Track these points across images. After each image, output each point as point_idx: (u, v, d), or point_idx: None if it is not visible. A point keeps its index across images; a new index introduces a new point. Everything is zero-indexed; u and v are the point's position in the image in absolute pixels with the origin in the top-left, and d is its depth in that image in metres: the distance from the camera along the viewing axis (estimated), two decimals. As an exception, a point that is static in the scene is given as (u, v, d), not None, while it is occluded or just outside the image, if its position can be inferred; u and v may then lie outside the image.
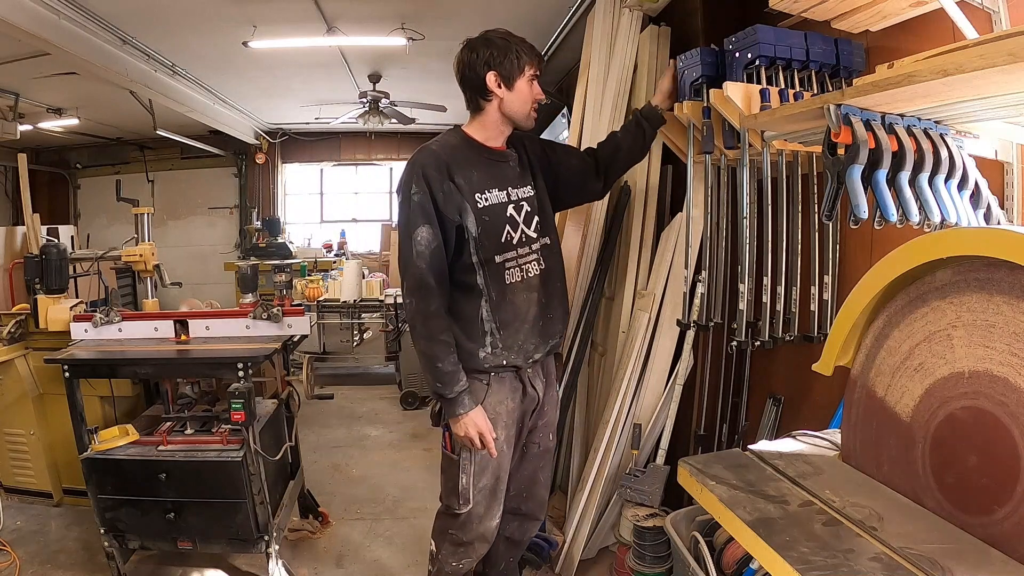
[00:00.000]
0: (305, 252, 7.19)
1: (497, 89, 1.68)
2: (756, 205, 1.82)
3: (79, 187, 7.75)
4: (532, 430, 1.89)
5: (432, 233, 1.61)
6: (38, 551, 2.53)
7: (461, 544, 1.78)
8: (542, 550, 2.33)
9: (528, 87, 1.70)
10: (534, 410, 1.84)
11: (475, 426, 1.65)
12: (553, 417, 1.96)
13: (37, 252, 3.03)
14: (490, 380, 1.72)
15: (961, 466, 0.99)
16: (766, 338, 1.82)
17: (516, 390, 1.77)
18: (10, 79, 4.47)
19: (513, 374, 1.76)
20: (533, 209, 1.79)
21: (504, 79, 1.67)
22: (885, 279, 1.13)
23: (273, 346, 2.32)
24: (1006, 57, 0.90)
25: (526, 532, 1.98)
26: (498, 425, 1.72)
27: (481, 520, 1.76)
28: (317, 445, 3.80)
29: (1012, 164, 1.39)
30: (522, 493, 1.93)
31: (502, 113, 1.72)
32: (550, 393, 1.91)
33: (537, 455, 1.93)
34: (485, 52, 1.67)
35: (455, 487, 1.72)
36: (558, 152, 1.96)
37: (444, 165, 1.64)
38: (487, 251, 1.67)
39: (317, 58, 4.43)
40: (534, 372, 1.81)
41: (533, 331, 1.76)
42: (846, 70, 1.74)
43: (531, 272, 1.76)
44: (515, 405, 1.77)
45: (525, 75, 1.69)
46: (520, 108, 1.71)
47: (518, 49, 1.68)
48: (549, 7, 3.44)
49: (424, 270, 1.61)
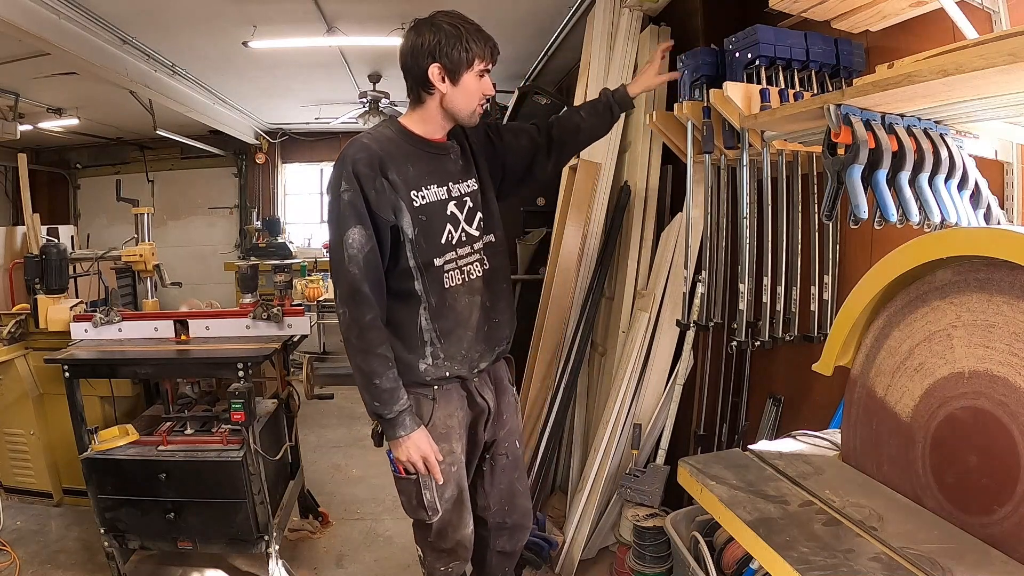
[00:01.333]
0: (305, 252, 7.19)
1: (440, 84, 1.51)
2: (756, 205, 1.82)
3: (79, 187, 7.76)
4: (495, 441, 1.77)
5: (365, 235, 1.46)
6: (38, 551, 2.53)
7: (442, 551, 1.72)
8: (542, 550, 2.33)
9: (476, 82, 1.53)
10: (487, 421, 1.72)
11: (418, 450, 1.51)
12: (515, 424, 1.83)
13: (37, 252, 3.03)
14: (435, 394, 1.60)
15: (961, 466, 0.99)
16: (766, 338, 1.82)
17: (463, 398, 1.66)
18: (10, 79, 4.47)
19: (459, 384, 1.64)
20: (476, 204, 1.65)
21: (449, 73, 1.50)
22: (885, 279, 1.13)
23: (273, 346, 2.32)
24: (1006, 57, 0.90)
25: (517, 542, 1.91)
26: (452, 438, 1.62)
27: (455, 529, 1.68)
28: (317, 445, 3.80)
29: (1012, 164, 1.39)
30: (504, 507, 1.82)
31: (443, 108, 1.56)
32: (505, 400, 1.77)
33: (509, 465, 1.81)
34: (431, 39, 1.49)
35: (420, 502, 1.60)
36: (504, 136, 1.76)
37: (377, 159, 1.49)
38: (425, 254, 1.54)
39: (317, 58, 4.43)
40: (481, 381, 1.69)
41: (477, 338, 1.63)
42: (846, 70, 1.74)
43: (473, 274, 1.62)
44: (464, 415, 1.67)
45: (473, 69, 1.52)
46: (464, 105, 1.55)
47: (468, 40, 1.49)
48: (549, 7, 3.44)
49: (357, 276, 1.46)
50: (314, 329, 4.64)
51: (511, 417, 1.81)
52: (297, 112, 6.35)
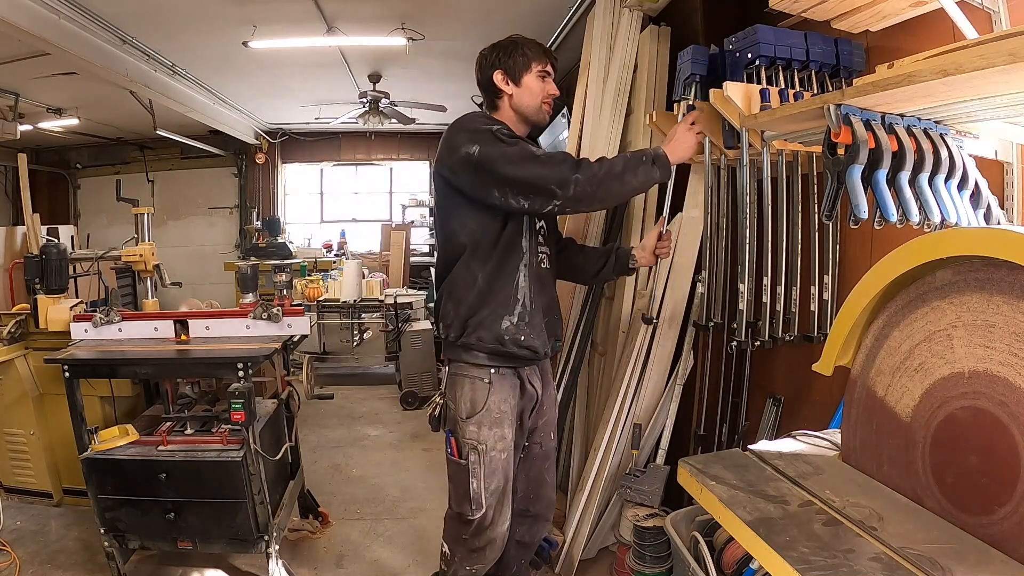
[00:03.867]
0: (305, 252, 7.19)
1: (505, 86, 1.74)
2: (756, 205, 1.81)
3: (79, 187, 7.76)
4: (533, 430, 1.87)
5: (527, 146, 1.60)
6: (38, 551, 2.53)
7: (475, 550, 1.75)
8: (542, 550, 2.33)
9: (537, 82, 1.75)
10: (533, 408, 1.83)
11: (685, 143, 1.67)
12: (552, 416, 1.95)
13: (37, 252, 3.03)
14: (491, 378, 1.70)
15: (961, 466, 0.99)
16: (766, 338, 1.81)
17: (515, 387, 1.76)
18: (10, 79, 4.47)
19: (513, 372, 1.75)
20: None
21: (510, 75, 1.73)
22: (885, 279, 1.13)
23: (273, 346, 2.32)
24: (1006, 57, 0.90)
25: (536, 533, 1.97)
26: (504, 423, 1.70)
27: (493, 525, 1.74)
28: (317, 445, 3.80)
29: (1012, 164, 1.39)
30: (530, 495, 1.91)
31: (514, 110, 1.76)
32: (548, 392, 1.90)
33: (541, 455, 1.91)
34: (492, 55, 1.74)
35: (466, 492, 1.69)
36: None
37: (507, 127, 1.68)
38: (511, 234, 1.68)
39: (317, 58, 4.44)
40: (531, 370, 1.81)
41: (549, 321, 1.78)
42: (846, 70, 1.74)
43: (547, 265, 1.80)
44: (516, 402, 1.76)
45: (532, 71, 1.73)
46: (530, 102, 1.75)
47: (524, 47, 1.73)
48: (549, 7, 3.44)
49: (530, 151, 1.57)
50: (314, 329, 4.64)
51: (550, 408, 1.93)
52: (297, 112, 6.35)
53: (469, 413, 1.68)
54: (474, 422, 1.68)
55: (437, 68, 4.70)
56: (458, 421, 1.70)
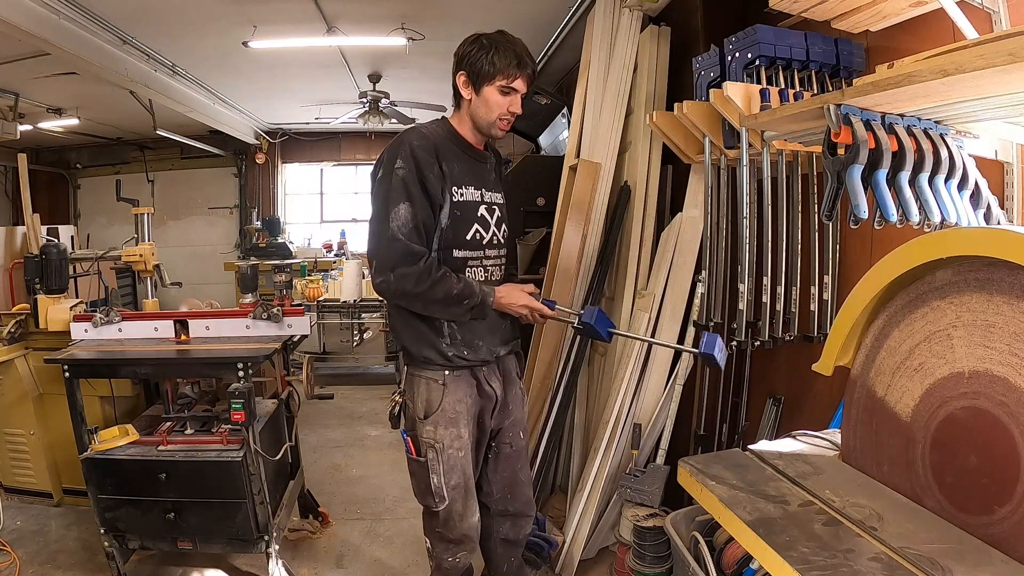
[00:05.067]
0: (305, 252, 7.18)
1: (464, 90, 1.66)
2: (756, 205, 1.82)
3: (79, 187, 7.75)
4: (500, 430, 1.86)
5: (411, 213, 1.56)
6: (38, 551, 2.53)
7: (450, 541, 1.78)
8: (542, 550, 2.33)
9: (497, 96, 1.63)
10: (494, 409, 1.81)
11: (514, 299, 1.67)
12: (520, 416, 1.92)
13: (37, 252, 3.03)
14: (445, 380, 1.69)
15: (961, 466, 0.99)
16: (766, 338, 1.82)
17: (472, 386, 1.74)
18: (10, 79, 4.46)
19: (468, 372, 1.74)
20: (503, 216, 1.79)
21: (472, 81, 1.64)
22: (885, 279, 1.13)
23: (273, 346, 2.32)
24: (1006, 57, 0.90)
25: (520, 530, 1.98)
26: (460, 423, 1.70)
27: (462, 517, 1.76)
28: (317, 445, 3.80)
29: (1012, 164, 1.39)
30: (506, 495, 1.91)
31: (470, 117, 1.69)
32: (512, 391, 1.87)
33: (512, 455, 1.89)
34: (468, 51, 1.63)
35: (428, 487, 1.71)
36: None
37: (433, 148, 1.60)
38: (448, 244, 1.65)
39: (317, 58, 4.43)
40: (489, 371, 1.78)
41: (492, 332, 1.75)
42: (846, 70, 1.74)
43: (495, 275, 1.77)
44: (472, 403, 1.74)
45: (494, 84, 1.62)
46: (484, 115, 1.66)
47: (495, 56, 1.60)
48: (549, 7, 3.44)
49: (403, 242, 1.55)
50: (314, 329, 4.64)
51: (516, 408, 1.90)
52: (297, 112, 6.35)
53: (426, 413, 1.69)
54: (430, 422, 1.69)
55: (437, 68, 4.69)
56: (416, 420, 1.71)
